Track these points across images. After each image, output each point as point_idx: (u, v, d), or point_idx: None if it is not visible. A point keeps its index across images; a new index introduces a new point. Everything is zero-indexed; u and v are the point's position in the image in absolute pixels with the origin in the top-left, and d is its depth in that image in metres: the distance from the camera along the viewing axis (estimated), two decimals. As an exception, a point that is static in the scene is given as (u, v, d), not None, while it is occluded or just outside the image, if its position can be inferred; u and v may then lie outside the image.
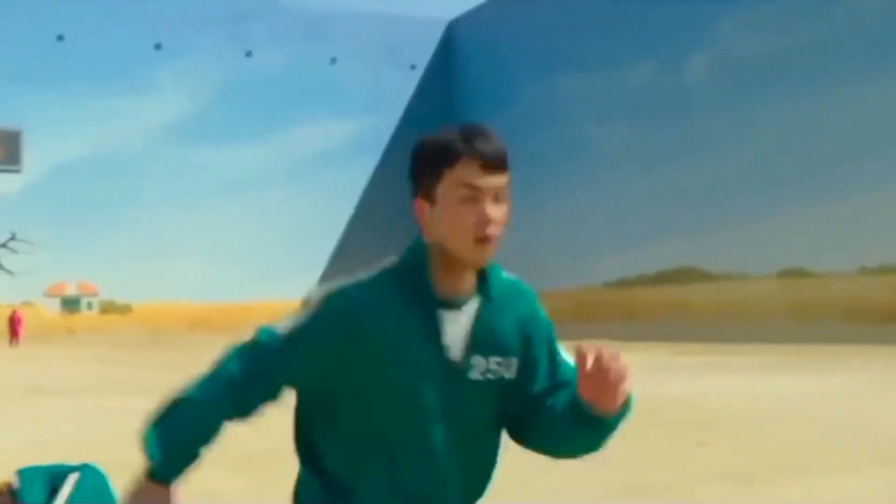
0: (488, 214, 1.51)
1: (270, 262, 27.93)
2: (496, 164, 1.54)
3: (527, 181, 25.35)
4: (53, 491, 4.85)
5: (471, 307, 1.59)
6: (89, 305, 28.10)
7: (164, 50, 27.58)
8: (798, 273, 19.22)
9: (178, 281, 27.33)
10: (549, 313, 1.67)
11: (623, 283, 23.26)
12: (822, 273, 18.77)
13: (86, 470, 5.04)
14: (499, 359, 1.61)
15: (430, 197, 1.54)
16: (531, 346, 1.65)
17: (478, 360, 1.58)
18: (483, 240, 1.51)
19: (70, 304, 27.91)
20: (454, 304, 1.58)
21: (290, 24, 28.82)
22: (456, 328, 1.58)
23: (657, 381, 10.31)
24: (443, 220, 1.52)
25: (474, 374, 1.59)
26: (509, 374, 1.63)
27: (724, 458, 5.98)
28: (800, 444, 6.41)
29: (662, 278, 22.34)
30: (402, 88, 29.31)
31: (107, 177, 26.93)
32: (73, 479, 4.95)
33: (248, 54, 28.42)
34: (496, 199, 1.54)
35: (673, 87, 22.36)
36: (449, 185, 1.52)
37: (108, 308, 28.10)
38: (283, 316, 1.57)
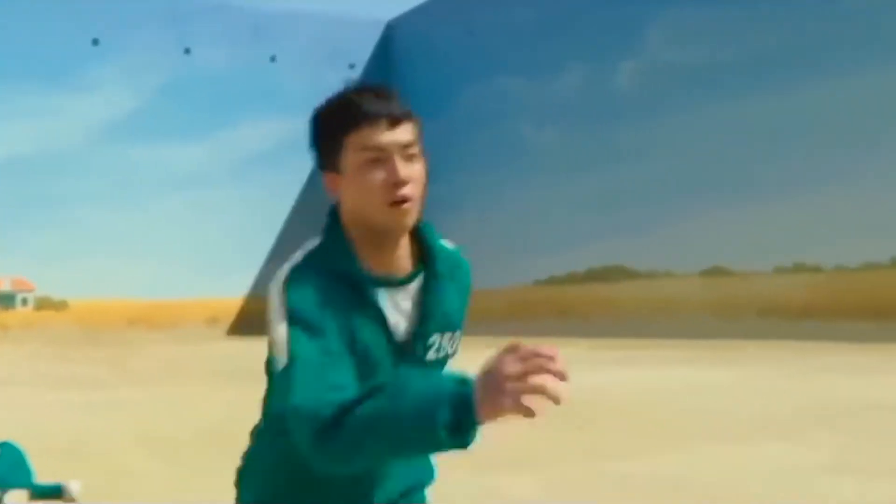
0: (398, 173, 1.42)
1: (210, 259, 28.02)
2: (397, 118, 1.45)
3: (464, 182, 25.89)
4: None
5: (415, 283, 1.50)
6: (24, 302, 27.89)
7: (101, 46, 27.47)
8: (719, 272, 20.02)
9: (116, 278, 27.29)
10: (485, 311, 1.76)
11: (554, 281, 23.90)
12: (741, 272, 19.58)
13: (4, 446, 5.49)
14: (449, 334, 1.53)
15: (336, 167, 1.47)
16: (465, 317, 1.58)
17: (434, 339, 1.50)
18: (397, 202, 1.42)
19: (4, 301, 27.70)
20: (394, 282, 1.49)
21: (229, 23, 28.89)
22: (403, 308, 1.48)
23: (572, 373, 10.85)
24: (353, 189, 1.44)
25: (430, 355, 1.50)
26: (452, 349, 1.56)
27: (599, 438, 6.54)
28: (678, 425, 7.00)
29: (592, 276, 23.00)
30: (340, 88, 29.54)
31: (43, 174, 26.77)
32: None
33: (187, 51, 28.42)
34: (406, 157, 1.44)
35: (603, 92, 23.03)
36: (352, 151, 1.44)
37: (43, 304, 27.92)
38: (273, 348, 1.43)
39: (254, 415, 1.70)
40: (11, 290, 27.74)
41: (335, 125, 1.46)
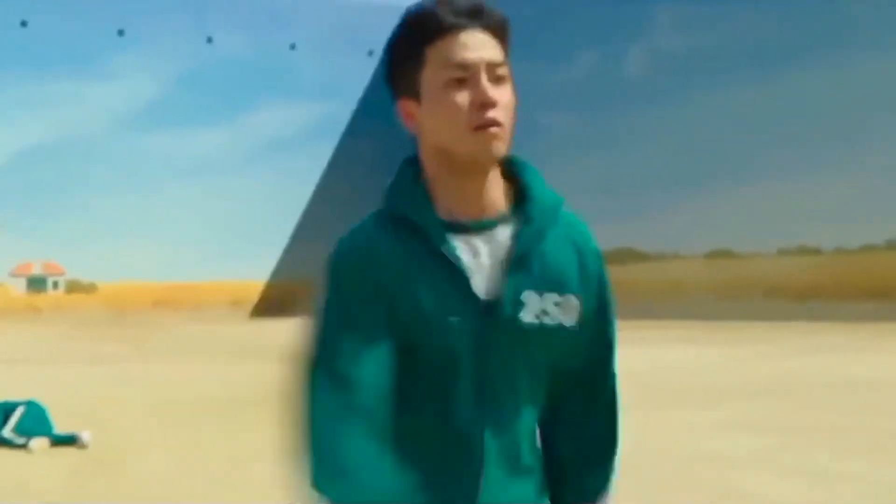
0: (485, 93, 1.23)
1: (231, 243, 28.77)
2: (490, 30, 1.27)
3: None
4: (6, 419, 6.13)
5: (506, 230, 1.27)
6: (55, 285, 28.80)
7: (126, 36, 28.23)
8: (724, 254, 20.47)
9: (141, 261, 28.12)
10: None
11: (565, 264, 24.40)
12: (745, 254, 20.02)
13: (30, 404, 6.31)
14: (556, 297, 1.27)
15: (414, 91, 1.27)
16: (590, 288, 1.32)
17: (529, 297, 1.24)
18: (482, 126, 1.22)
19: (36, 284, 28.61)
20: (475, 227, 1.26)
21: (249, 11, 29.52)
22: (486, 257, 1.25)
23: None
24: (433, 113, 1.25)
25: (527, 317, 1.24)
26: (569, 319, 1.28)
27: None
28: (649, 396, 7.60)
29: (604, 258, 23.46)
30: (359, 74, 30.13)
31: (71, 160, 27.63)
32: (20, 409, 6.22)
33: (209, 40, 29.09)
34: (495, 78, 1.25)
35: (613, 77, 23.45)
36: (433, 70, 1.24)
37: (73, 287, 28.81)
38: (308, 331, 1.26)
39: (263, 389, 1.88)
40: (43, 274, 28.66)
41: (414, 37, 1.25)
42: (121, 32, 28.20)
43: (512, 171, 1.33)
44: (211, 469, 5.14)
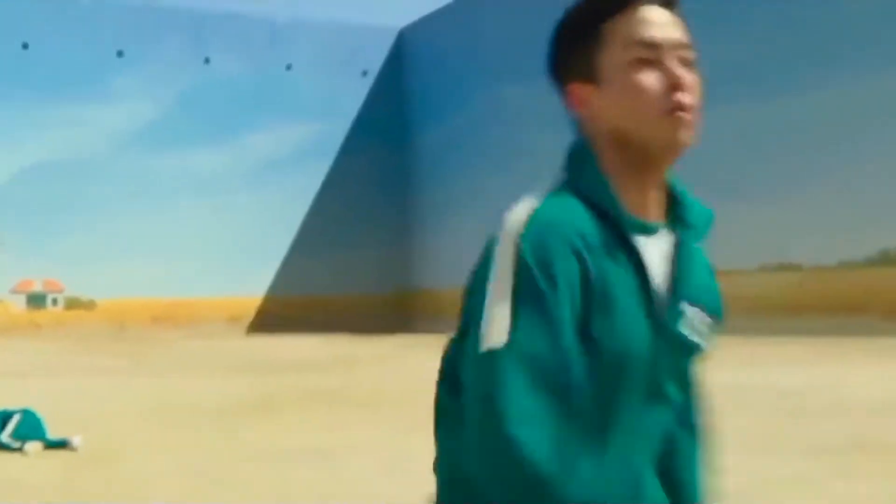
0: (678, 74, 1.14)
1: (229, 260, 29.23)
2: (670, 6, 1.19)
3: (468, 186, 26.93)
4: (4, 425, 6.72)
5: (665, 237, 1.19)
6: (55, 302, 29.19)
7: (125, 57, 28.78)
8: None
9: (140, 278, 28.56)
10: None
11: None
12: (728, 270, 20.46)
13: (26, 412, 6.91)
14: (703, 315, 1.19)
15: (589, 74, 1.18)
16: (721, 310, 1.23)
17: (687, 309, 1.17)
18: (675, 109, 1.13)
19: (36, 301, 29.00)
20: (647, 229, 1.18)
21: (247, 32, 30.09)
22: (659, 264, 1.17)
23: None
24: (615, 97, 1.15)
25: (684, 329, 1.17)
26: (709, 342, 1.21)
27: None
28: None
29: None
30: (354, 94, 30.68)
31: (71, 180, 28.13)
32: (16, 417, 6.80)
33: (207, 61, 29.64)
34: (683, 61, 1.17)
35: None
36: (614, 49, 1.16)
37: (73, 304, 29.21)
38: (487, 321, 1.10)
39: (254, 400, 2.30)
40: (43, 291, 29.07)
41: (591, 12, 1.17)
42: (120, 54, 28.76)
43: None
44: (204, 468, 5.58)
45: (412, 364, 13.30)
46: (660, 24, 1.17)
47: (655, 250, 1.17)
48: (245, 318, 29.68)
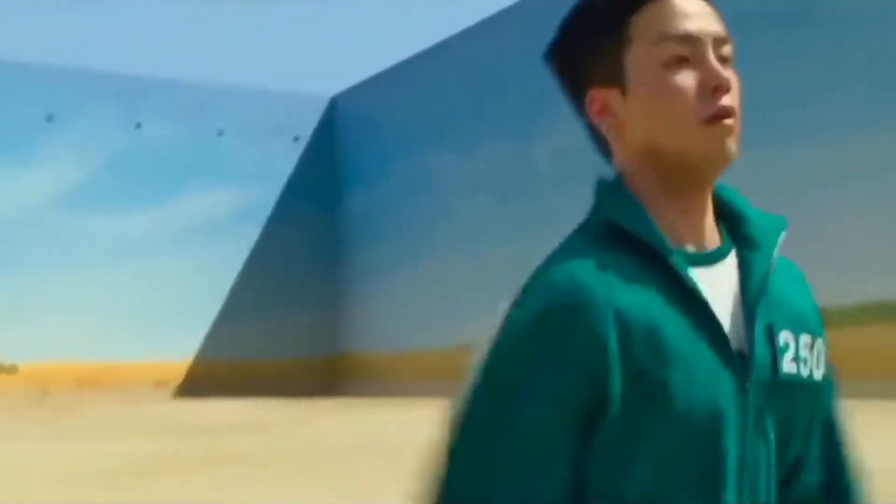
0: (718, 73, 0.97)
1: (157, 323, 29.09)
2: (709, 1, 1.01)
3: (397, 248, 27.41)
4: None
5: (729, 263, 1.01)
6: (-25, 367, 28.62)
7: (55, 121, 28.84)
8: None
9: (65, 342, 28.22)
10: (423, 371, 1.08)
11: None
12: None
13: None
14: (806, 337, 1.00)
15: (614, 77, 1.02)
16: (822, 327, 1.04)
17: (784, 338, 0.98)
18: (715, 117, 0.96)
19: (-44, 366, 28.40)
20: (703, 259, 1.00)
21: (179, 98, 30.40)
22: (725, 297, 0.98)
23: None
24: (647, 104, 0.99)
25: (787, 366, 0.97)
26: (819, 369, 1.01)
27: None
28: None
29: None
30: (286, 160, 31.09)
31: (-5, 242, 27.88)
32: None
33: (138, 126, 29.83)
34: (721, 59, 0.99)
35: (523, 166, 24.76)
36: (644, 46, 0.99)
37: (-6, 369, 28.66)
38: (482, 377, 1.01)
39: (176, 461, 2.57)
40: (-37, 356, 28.48)
41: (617, 2, 1.01)
42: (49, 118, 28.81)
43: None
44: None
45: (326, 427, 13.55)
46: (695, 14, 0.99)
47: (721, 282, 0.99)
48: (173, 382, 29.43)
